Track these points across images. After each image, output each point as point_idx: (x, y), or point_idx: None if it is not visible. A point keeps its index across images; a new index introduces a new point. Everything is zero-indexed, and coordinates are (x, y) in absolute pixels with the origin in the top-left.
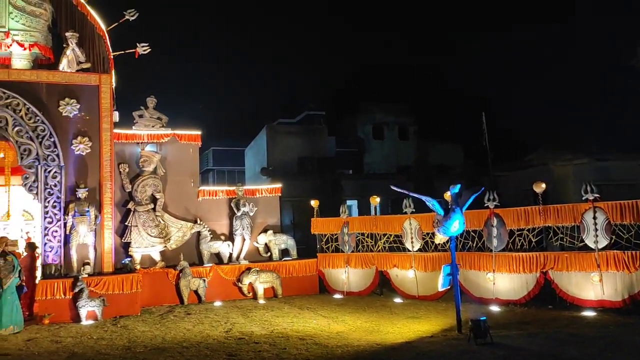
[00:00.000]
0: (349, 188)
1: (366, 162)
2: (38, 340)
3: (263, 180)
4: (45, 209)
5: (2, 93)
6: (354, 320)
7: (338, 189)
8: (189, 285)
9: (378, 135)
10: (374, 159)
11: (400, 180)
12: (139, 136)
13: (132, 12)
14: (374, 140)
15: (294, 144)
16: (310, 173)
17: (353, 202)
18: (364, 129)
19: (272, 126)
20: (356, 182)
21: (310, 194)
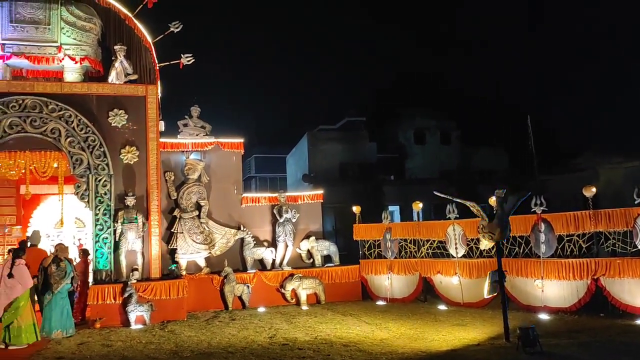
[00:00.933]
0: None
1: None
2: (90, 344)
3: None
4: (96, 217)
5: (56, 105)
6: (397, 327)
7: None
8: (233, 291)
9: (419, 140)
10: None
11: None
12: (183, 145)
13: (177, 24)
14: (415, 145)
15: (335, 150)
16: (351, 179)
17: (395, 208)
18: (405, 134)
19: (313, 133)
20: (398, 187)
21: (352, 200)
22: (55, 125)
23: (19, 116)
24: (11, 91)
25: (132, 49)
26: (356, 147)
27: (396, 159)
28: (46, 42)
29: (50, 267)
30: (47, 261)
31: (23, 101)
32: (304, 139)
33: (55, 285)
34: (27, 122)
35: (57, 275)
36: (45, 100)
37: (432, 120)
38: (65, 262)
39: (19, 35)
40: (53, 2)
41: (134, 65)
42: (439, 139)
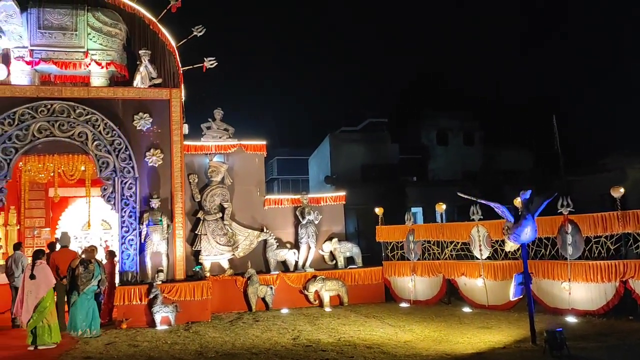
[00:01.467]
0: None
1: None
2: (117, 344)
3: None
4: (122, 219)
5: (83, 110)
6: (421, 329)
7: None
8: (256, 292)
9: (442, 141)
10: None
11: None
12: (207, 147)
13: (200, 28)
14: (438, 146)
15: (357, 151)
16: (373, 180)
17: (418, 210)
18: (427, 135)
19: (335, 134)
20: (421, 189)
21: (374, 202)
22: (83, 129)
23: (48, 120)
24: (40, 96)
25: (156, 53)
26: (378, 148)
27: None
28: (73, 47)
29: (78, 269)
30: (75, 262)
31: (51, 106)
32: (326, 141)
33: (82, 287)
34: (56, 126)
35: (85, 276)
36: (73, 105)
37: (455, 121)
38: (94, 264)
39: (47, 42)
40: (80, 8)
41: (158, 69)
42: (462, 140)
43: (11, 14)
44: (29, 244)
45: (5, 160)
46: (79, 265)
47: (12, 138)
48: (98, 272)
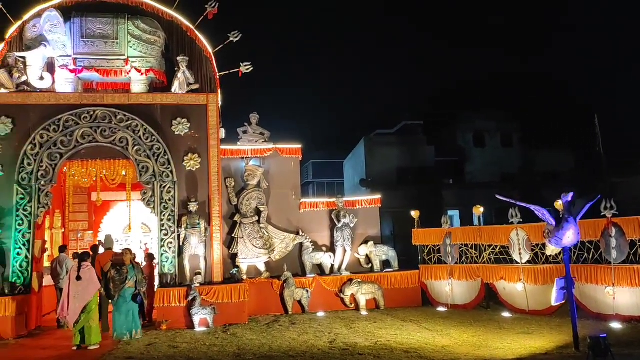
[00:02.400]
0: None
1: (467, 171)
2: (157, 345)
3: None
4: (161, 222)
5: (124, 116)
6: (459, 334)
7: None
8: (292, 295)
9: (479, 143)
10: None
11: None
12: (243, 151)
13: (236, 33)
14: (474, 148)
15: (393, 154)
16: (409, 183)
17: (454, 213)
18: (464, 137)
19: (370, 137)
20: (457, 191)
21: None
22: (123, 134)
23: (90, 127)
24: (83, 103)
25: (193, 59)
26: (414, 151)
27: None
28: (114, 55)
29: (110, 272)
30: (107, 266)
31: (94, 112)
32: (361, 144)
33: (115, 290)
34: (98, 132)
35: (118, 280)
36: (114, 111)
37: (492, 122)
38: (127, 267)
39: (90, 50)
40: (120, 17)
41: (196, 74)
42: (500, 141)
43: (55, 23)
44: (72, 246)
45: (50, 166)
46: (111, 269)
47: (57, 144)
48: (132, 274)
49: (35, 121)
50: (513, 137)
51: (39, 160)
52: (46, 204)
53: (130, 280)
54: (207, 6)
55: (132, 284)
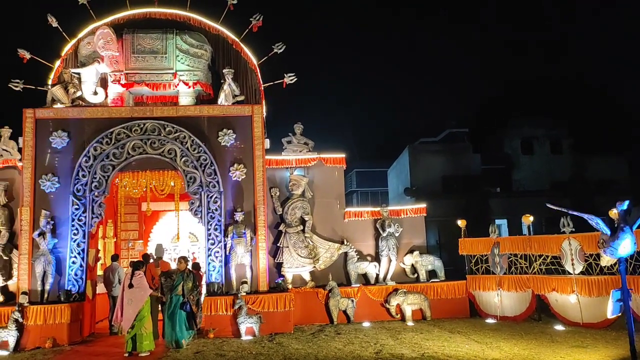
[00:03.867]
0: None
1: (515, 179)
2: (205, 353)
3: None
4: (208, 232)
5: (172, 128)
6: (510, 347)
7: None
8: (338, 305)
9: (527, 150)
10: (523, 176)
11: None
12: (288, 161)
13: (280, 45)
14: (522, 155)
15: (437, 162)
16: (455, 192)
17: (502, 222)
18: (511, 144)
19: (414, 146)
20: (505, 200)
21: (456, 214)
22: (172, 146)
23: (141, 139)
24: (134, 116)
25: (239, 71)
26: (459, 159)
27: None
28: (163, 69)
29: (160, 280)
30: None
31: (144, 125)
32: (405, 152)
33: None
34: (148, 144)
35: (166, 287)
36: (163, 123)
37: (540, 129)
38: (177, 275)
39: (140, 65)
40: (169, 32)
41: (241, 86)
42: (549, 148)
43: (108, 40)
44: (124, 255)
45: (104, 177)
46: (161, 277)
47: (110, 156)
48: (179, 281)
49: (89, 134)
50: (563, 144)
51: (93, 172)
52: (99, 214)
53: (178, 288)
54: (252, 19)
55: (181, 292)
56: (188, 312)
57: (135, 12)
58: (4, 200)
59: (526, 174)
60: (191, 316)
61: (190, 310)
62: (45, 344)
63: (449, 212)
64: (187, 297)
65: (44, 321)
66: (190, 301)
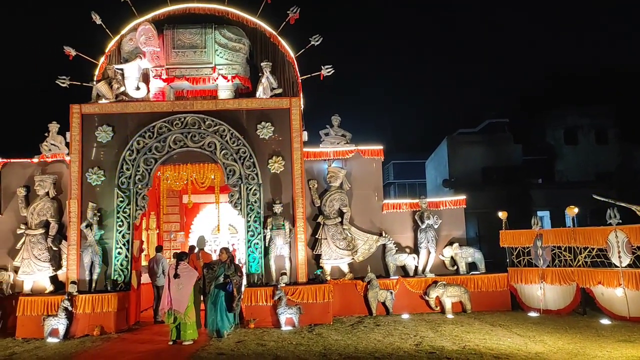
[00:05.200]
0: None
1: (557, 170)
2: (246, 342)
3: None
4: (247, 223)
5: (212, 121)
6: (554, 341)
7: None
8: (376, 297)
9: (571, 140)
10: (566, 166)
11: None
12: (325, 153)
13: (317, 37)
14: (565, 145)
15: (477, 153)
16: (495, 183)
17: (544, 213)
18: (554, 134)
19: (453, 137)
20: (547, 191)
21: (496, 205)
22: (212, 139)
23: (182, 132)
24: (175, 110)
25: (276, 64)
26: (499, 149)
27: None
28: (203, 64)
29: (202, 271)
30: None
31: (184, 119)
32: (443, 144)
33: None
34: (188, 137)
35: (208, 278)
36: (203, 117)
37: (585, 118)
38: (219, 266)
39: (180, 60)
40: (208, 27)
41: (279, 79)
42: (594, 138)
43: (150, 36)
44: (166, 247)
45: (147, 170)
46: (203, 268)
47: (152, 149)
48: (220, 272)
49: (133, 128)
50: (608, 133)
51: (136, 165)
52: (143, 206)
53: (220, 278)
54: (289, 12)
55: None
56: (229, 292)
57: (175, 7)
58: (53, 193)
59: (569, 164)
60: (230, 298)
61: (231, 291)
62: (93, 331)
63: (489, 203)
64: (230, 278)
65: (92, 310)
66: (233, 282)
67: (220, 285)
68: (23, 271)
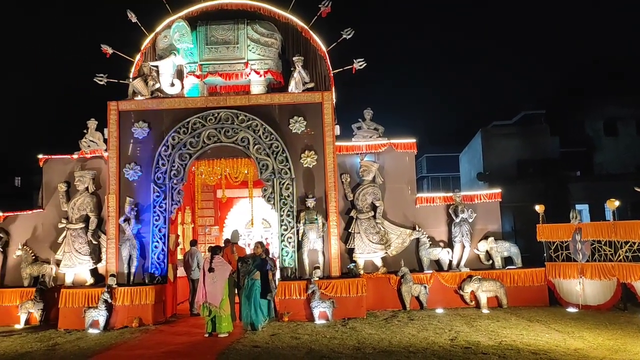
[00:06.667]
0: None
1: (596, 162)
2: (280, 335)
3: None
4: (280, 218)
5: (245, 116)
6: (593, 337)
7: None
8: (410, 291)
9: (610, 131)
10: (605, 159)
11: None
12: (358, 147)
13: (348, 31)
14: (605, 137)
15: (512, 146)
16: (531, 176)
17: (583, 207)
18: (593, 125)
19: (487, 129)
20: (585, 184)
21: (532, 199)
22: (245, 134)
23: (215, 128)
24: (208, 106)
25: (308, 58)
26: (536, 142)
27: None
28: (235, 59)
29: (237, 265)
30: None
31: (218, 114)
32: (478, 136)
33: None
34: (222, 132)
35: (243, 272)
36: (236, 112)
37: (626, 109)
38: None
39: (213, 56)
40: (240, 22)
41: (310, 73)
42: (635, 129)
43: (184, 33)
44: (201, 241)
45: (181, 165)
46: (238, 262)
47: (187, 145)
48: (255, 266)
49: (168, 124)
50: None
51: (172, 160)
52: (178, 201)
53: (254, 272)
54: (321, 5)
55: (258, 276)
56: (266, 270)
57: (209, 4)
58: (92, 188)
59: (609, 156)
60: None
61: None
62: (132, 323)
63: (525, 197)
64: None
65: (131, 302)
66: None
67: (259, 265)
68: (64, 264)
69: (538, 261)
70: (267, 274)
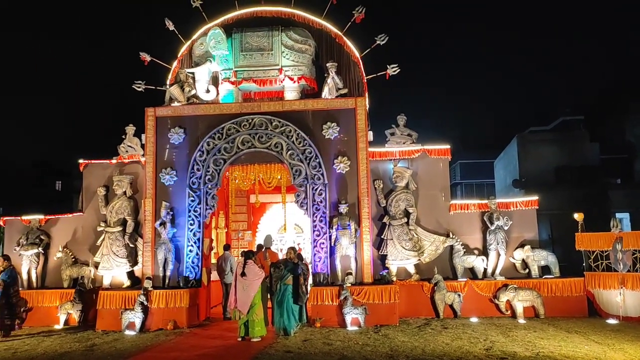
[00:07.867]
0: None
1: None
2: (312, 341)
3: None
4: (313, 223)
5: (278, 122)
6: (635, 350)
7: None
8: (444, 299)
9: None
10: None
11: None
12: (391, 153)
13: (382, 37)
14: None
15: (549, 153)
16: (569, 183)
17: (624, 215)
18: (634, 131)
19: (524, 135)
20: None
21: (570, 207)
22: (278, 140)
23: (249, 133)
24: (242, 112)
25: (341, 64)
26: (574, 148)
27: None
28: (269, 66)
29: (270, 270)
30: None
31: (252, 120)
32: (513, 142)
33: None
34: (256, 138)
35: (275, 276)
36: (270, 118)
37: None
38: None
39: (248, 62)
40: (274, 29)
41: (344, 79)
42: None
43: (219, 40)
44: (234, 245)
45: (216, 170)
46: (270, 267)
47: (221, 150)
48: (285, 272)
49: (203, 130)
50: None
51: (206, 165)
52: (212, 205)
53: (287, 277)
54: (354, 11)
55: (290, 281)
56: (297, 274)
57: (243, 11)
58: (129, 192)
59: None
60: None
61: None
62: (167, 325)
63: (563, 205)
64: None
65: (166, 305)
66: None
67: (291, 270)
68: (102, 266)
69: (576, 271)
70: (298, 278)
